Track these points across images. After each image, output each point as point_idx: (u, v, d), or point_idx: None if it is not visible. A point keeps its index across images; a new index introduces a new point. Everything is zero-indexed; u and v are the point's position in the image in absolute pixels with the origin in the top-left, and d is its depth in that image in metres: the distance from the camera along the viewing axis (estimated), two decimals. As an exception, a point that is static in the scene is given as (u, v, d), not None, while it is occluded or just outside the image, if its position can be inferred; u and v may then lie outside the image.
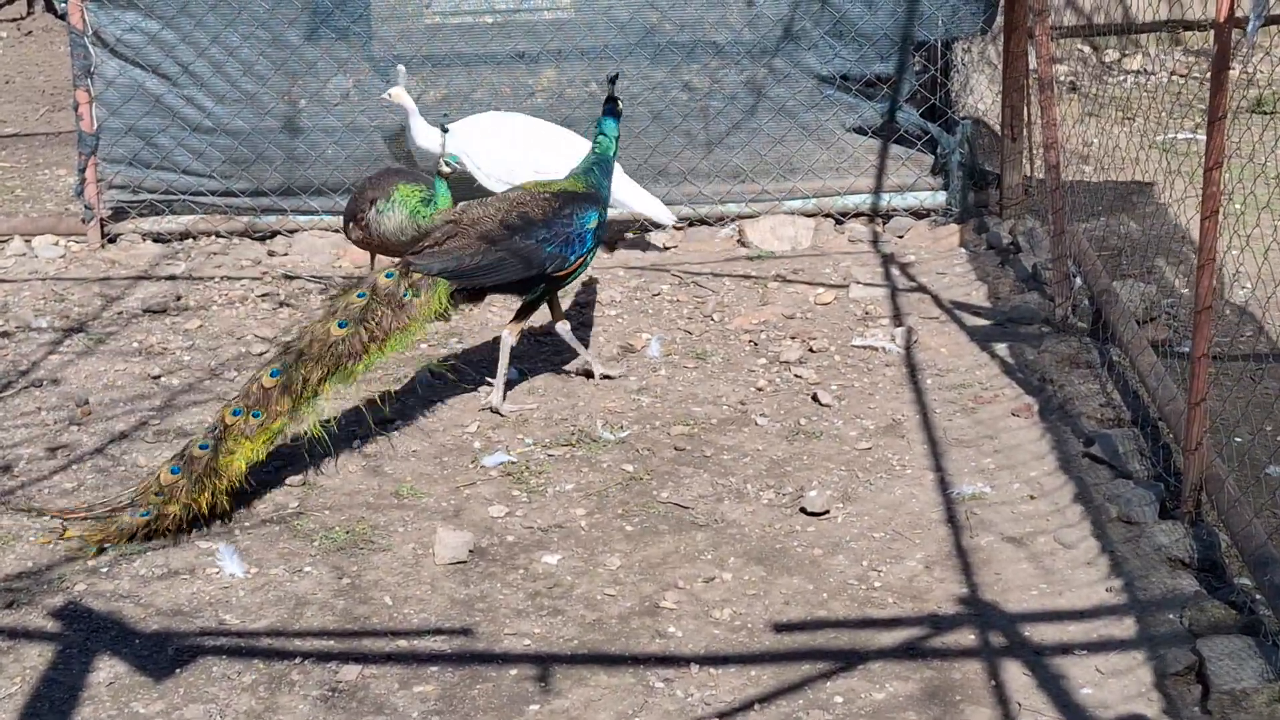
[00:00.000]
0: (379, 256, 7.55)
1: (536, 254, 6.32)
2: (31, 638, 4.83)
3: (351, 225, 7.41)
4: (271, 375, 5.70)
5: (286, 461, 6.01)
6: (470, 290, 6.32)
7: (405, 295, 6.01)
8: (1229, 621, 4.61)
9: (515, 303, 6.66)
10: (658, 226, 8.58)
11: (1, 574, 5.21)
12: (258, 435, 5.60)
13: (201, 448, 5.49)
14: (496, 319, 7.43)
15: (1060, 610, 4.85)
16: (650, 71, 8.88)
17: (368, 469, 5.99)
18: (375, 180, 7.38)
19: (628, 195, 8.14)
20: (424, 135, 8.21)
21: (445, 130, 7.16)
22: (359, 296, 5.98)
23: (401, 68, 8.29)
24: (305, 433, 5.95)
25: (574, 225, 6.42)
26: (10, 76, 13.23)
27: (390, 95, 8.20)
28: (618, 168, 7.00)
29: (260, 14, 8.74)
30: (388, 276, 6.05)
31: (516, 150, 8.05)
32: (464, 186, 7.97)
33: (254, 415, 5.61)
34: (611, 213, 7.33)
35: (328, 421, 6.03)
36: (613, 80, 6.72)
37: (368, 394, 6.63)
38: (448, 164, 7.05)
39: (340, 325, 5.88)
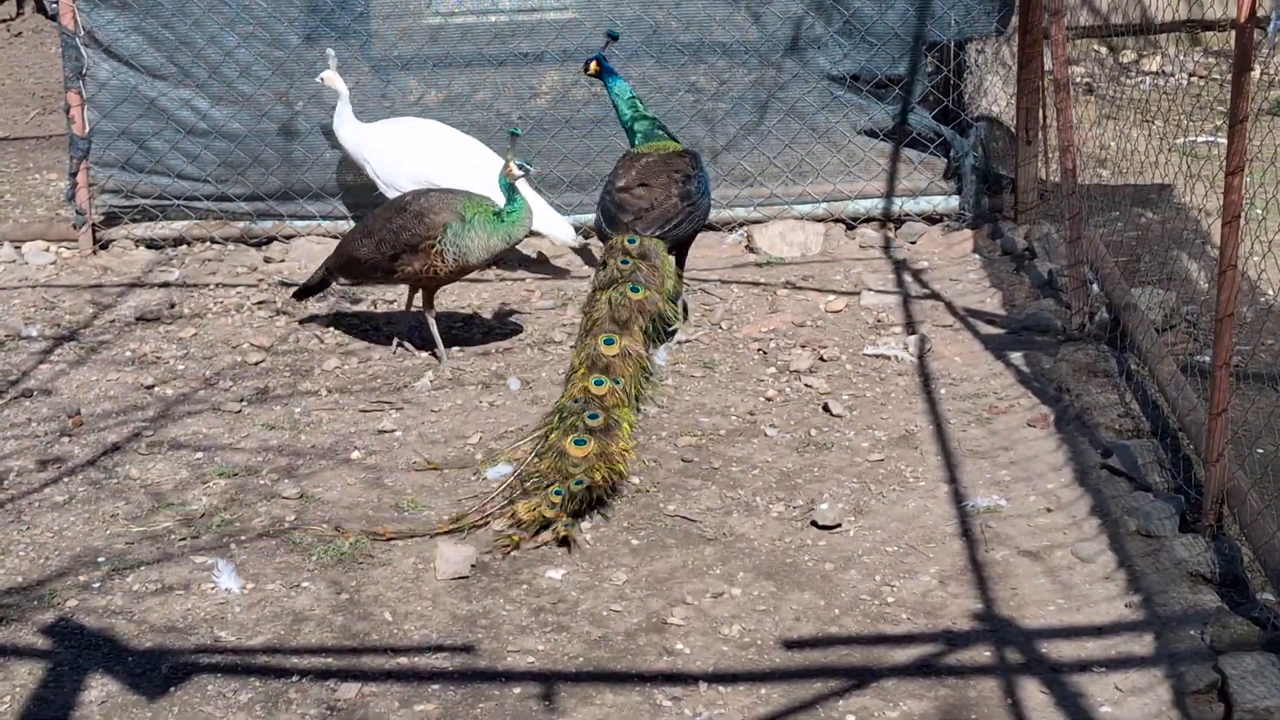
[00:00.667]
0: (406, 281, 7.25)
1: (705, 205, 7.27)
2: (21, 655, 4.82)
3: (410, 257, 6.85)
4: (606, 343, 6.15)
5: (282, 473, 6.01)
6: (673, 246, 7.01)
7: (654, 256, 6.71)
8: (1252, 638, 4.59)
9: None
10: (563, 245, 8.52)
11: (-9, 589, 5.22)
12: (624, 402, 6.00)
13: (591, 417, 5.77)
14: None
15: (1078, 626, 4.84)
16: (656, 73, 8.88)
17: (367, 481, 5.98)
18: (425, 206, 6.90)
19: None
20: (349, 127, 8.23)
21: (516, 134, 7.08)
22: (623, 263, 6.59)
23: (331, 50, 8.27)
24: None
25: (707, 177, 7.37)
26: (1, 80, 13.25)
27: (323, 79, 8.21)
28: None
29: (259, 14, 8.74)
30: (630, 242, 6.71)
31: (423, 158, 8.09)
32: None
33: (615, 382, 6.00)
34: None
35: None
36: (614, 37, 7.61)
37: (370, 403, 6.65)
38: (521, 168, 6.84)
39: (633, 290, 6.43)
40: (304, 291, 7.62)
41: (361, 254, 7.06)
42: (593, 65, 7.53)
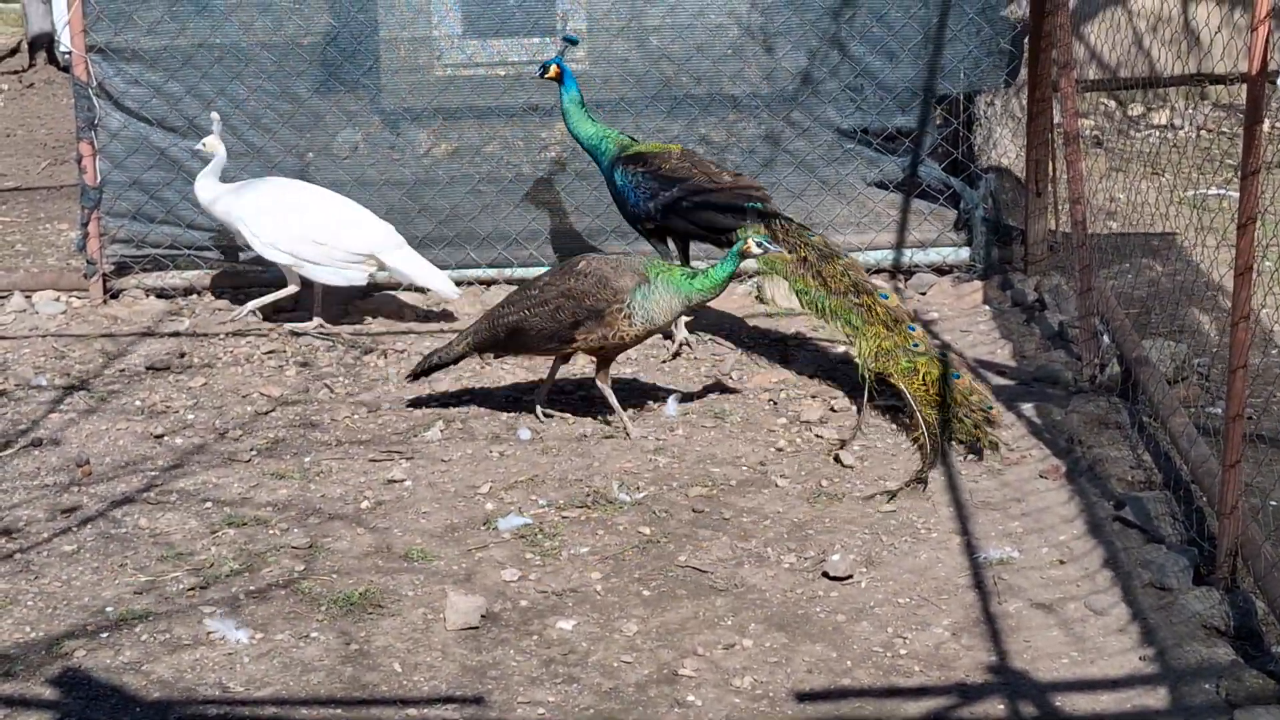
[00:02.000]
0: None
1: None
2: (29, 706, 4.79)
3: (594, 324, 6.66)
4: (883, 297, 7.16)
5: (292, 523, 6.01)
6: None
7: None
8: (1268, 692, 4.57)
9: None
10: (445, 300, 8.69)
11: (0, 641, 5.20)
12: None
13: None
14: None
15: (1092, 679, 4.82)
16: (666, 125, 8.94)
17: (377, 530, 5.96)
18: (606, 269, 6.70)
19: (412, 268, 8.30)
20: (208, 189, 8.21)
21: (574, 40, 8.20)
22: (791, 252, 7.29)
23: (216, 114, 8.33)
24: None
25: None
26: (11, 129, 13.33)
27: (204, 145, 8.24)
28: (403, 239, 7.87)
29: (268, 66, 8.82)
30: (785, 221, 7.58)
31: (296, 215, 8.12)
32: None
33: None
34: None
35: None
36: (572, 42, 8.21)
37: (380, 452, 6.65)
38: (760, 245, 6.65)
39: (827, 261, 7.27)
40: (429, 370, 7.19)
41: (532, 324, 6.77)
42: (553, 69, 7.83)
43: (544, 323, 6.76)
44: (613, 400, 6.86)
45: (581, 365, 7.64)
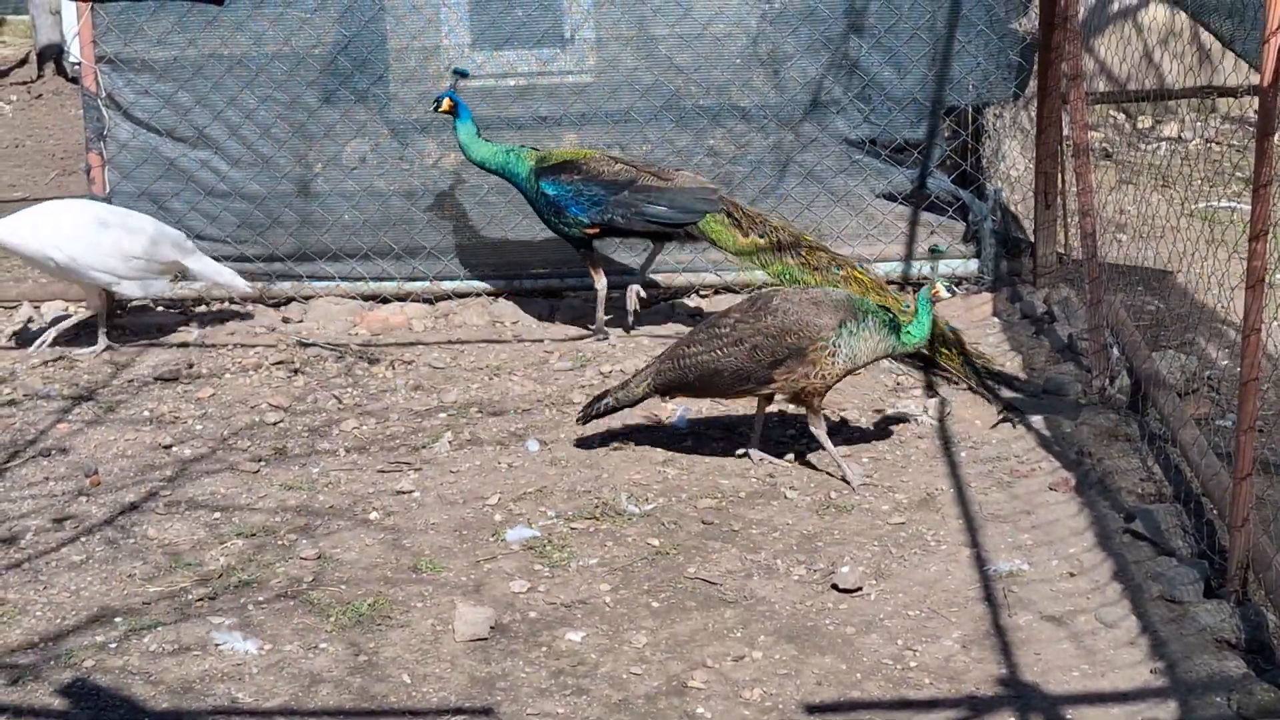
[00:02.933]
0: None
1: None
2: (38, 715, 4.80)
3: (795, 363, 6.35)
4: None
5: (300, 533, 6.01)
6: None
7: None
8: (1279, 705, 4.57)
9: None
10: (241, 296, 8.87)
11: (7, 648, 5.19)
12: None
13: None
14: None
15: (1103, 692, 4.81)
16: (674, 136, 8.96)
17: (385, 541, 5.97)
18: (807, 303, 6.43)
19: (211, 270, 8.47)
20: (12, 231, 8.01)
21: (463, 74, 8.25)
22: (762, 237, 7.90)
23: None
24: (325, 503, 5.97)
25: None
26: (20, 140, 13.36)
27: None
28: (199, 249, 8.28)
29: (278, 76, 8.84)
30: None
31: (106, 233, 8.06)
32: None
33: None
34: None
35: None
36: (463, 75, 8.36)
37: (389, 463, 6.66)
38: (949, 290, 6.67)
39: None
40: (604, 413, 6.74)
41: (728, 365, 6.43)
42: (445, 103, 8.04)
43: (741, 364, 6.41)
44: (830, 447, 6.47)
45: (589, 378, 7.65)
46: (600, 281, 8.25)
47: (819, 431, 6.48)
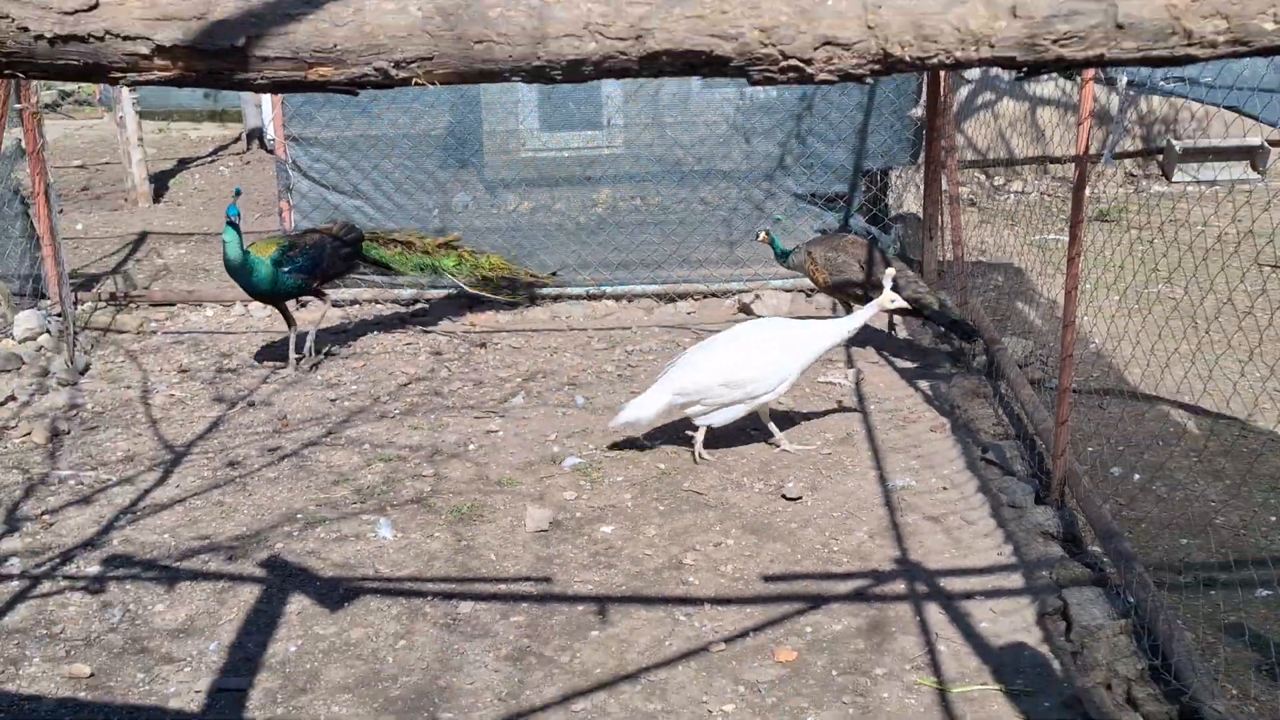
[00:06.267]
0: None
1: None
2: (245, 580, 4.87)
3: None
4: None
5: (423, 460, 6.04)
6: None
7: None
8: (1085, 577, 4.58)
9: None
10: None
11: (225, 536, 5.25)
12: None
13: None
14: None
15: (966, 568, 4.83)
16: (677, 190, 8.95)
17: (480, 465, 6.00)
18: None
19: None
20: None
21: (238, 192, 7.47)
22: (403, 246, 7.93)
23: None
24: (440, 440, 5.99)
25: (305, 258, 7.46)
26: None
27: None
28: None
29: (406, 149, 8.85)
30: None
31: None
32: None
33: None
34: None
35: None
36: (238, 193, 7.56)
37: (482, 413, 6.68)
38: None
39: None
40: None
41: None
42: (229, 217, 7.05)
43: None
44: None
45: (618, 355, 7.65)
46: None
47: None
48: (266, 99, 13.49)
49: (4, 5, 1.92)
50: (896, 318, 7.89)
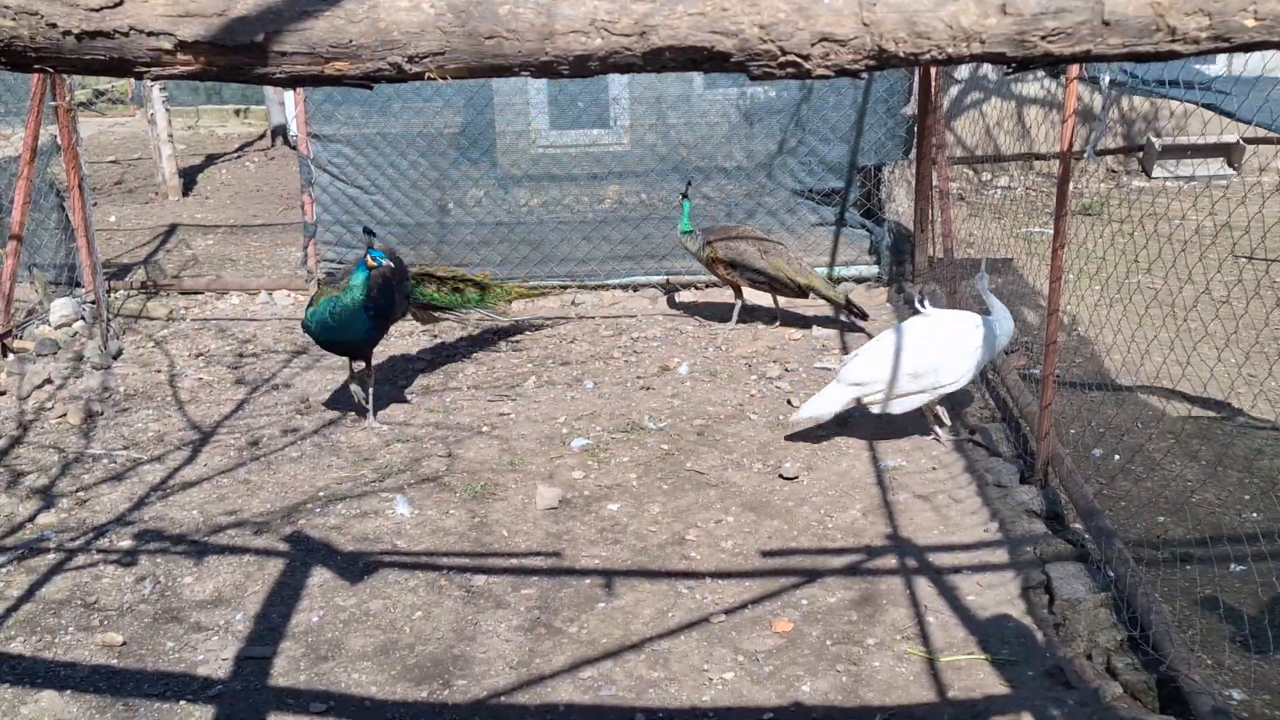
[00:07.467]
0: None
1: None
2: (270, 554, 4.87)
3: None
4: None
5: (439, 440, 6.03)
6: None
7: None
8: (1067, 553, 4.56)
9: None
10: None
11: (251, 512, 5.25)
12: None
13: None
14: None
15: (954, 544, 4.81)
16: (680, 187, 8.91)
17: (493, 445, 5.99)
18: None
19: None
20: None
21: (371, 233, 6.07)
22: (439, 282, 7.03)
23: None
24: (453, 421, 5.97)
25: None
26: (260, 186, 13.37)
27: None
28: None
29: (421, 146, 8.82)
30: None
31: None
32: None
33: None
34: None
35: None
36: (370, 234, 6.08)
37: (495, 395, 6.67)
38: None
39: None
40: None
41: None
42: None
43: None
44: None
45: (624, 342, 7.62)
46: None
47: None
48: (289, 96, 13.46)
49: (33, 2, 1.90)
50: (887, 303, 7.85)
